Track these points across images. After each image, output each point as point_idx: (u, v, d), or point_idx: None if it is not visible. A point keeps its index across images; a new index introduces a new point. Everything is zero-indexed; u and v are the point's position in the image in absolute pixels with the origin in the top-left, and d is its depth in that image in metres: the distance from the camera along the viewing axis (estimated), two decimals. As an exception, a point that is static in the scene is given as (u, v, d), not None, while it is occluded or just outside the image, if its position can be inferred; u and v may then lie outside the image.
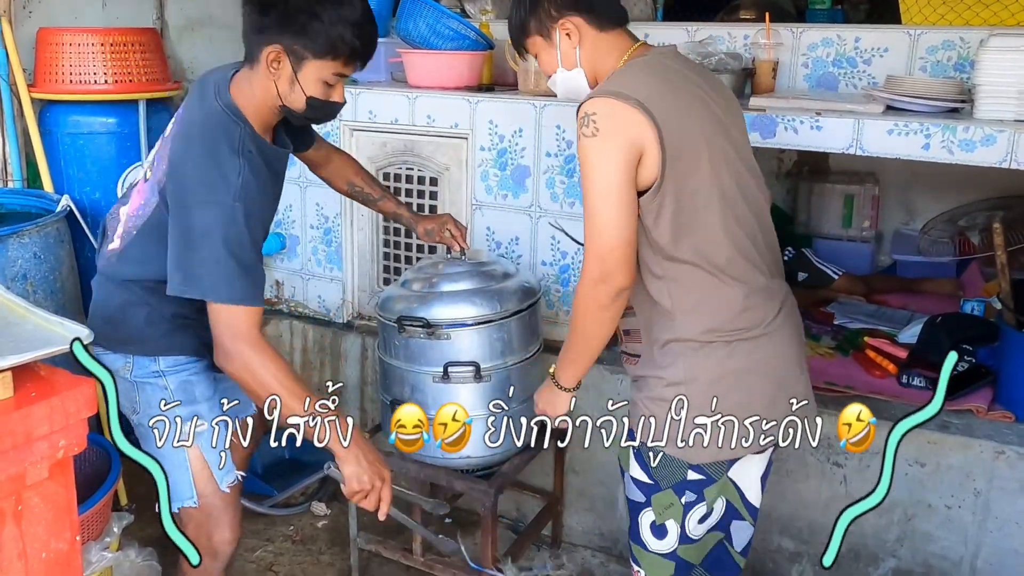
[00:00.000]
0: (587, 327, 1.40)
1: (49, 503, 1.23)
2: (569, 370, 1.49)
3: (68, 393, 1.22)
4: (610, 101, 1.31)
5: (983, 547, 1.84)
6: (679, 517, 1.45)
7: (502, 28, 2.66)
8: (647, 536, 1.49)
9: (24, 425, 1.16)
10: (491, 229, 2.34)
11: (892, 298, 2.64)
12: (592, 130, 1.31)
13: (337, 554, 2.27)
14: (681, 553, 1.48)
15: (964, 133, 1.76)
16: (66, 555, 1.26)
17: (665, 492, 1.44)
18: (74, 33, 2.39)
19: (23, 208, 2.30)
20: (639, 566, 1.53)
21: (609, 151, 1.30)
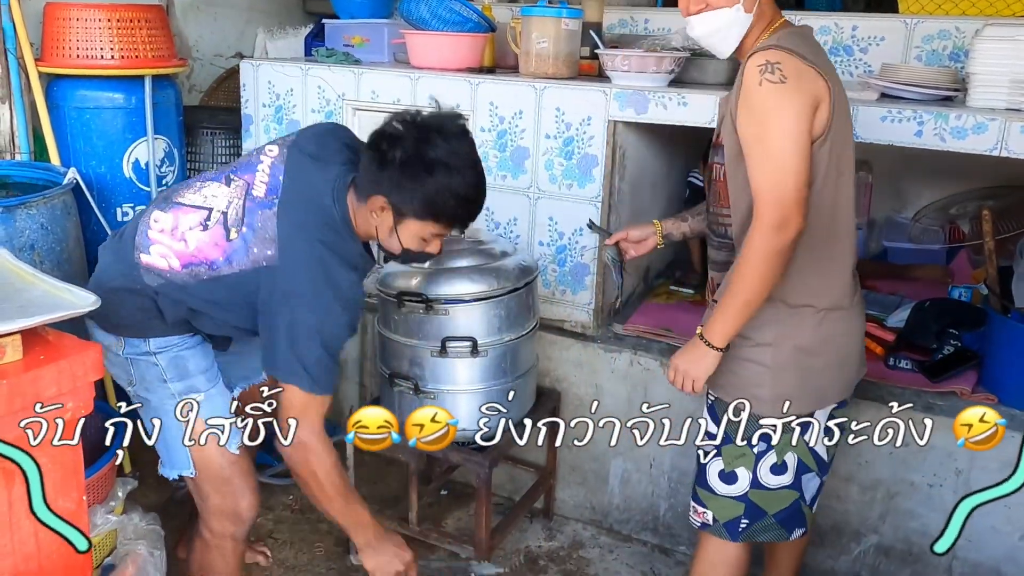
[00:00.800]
0: (760, 276, 1.38)
1: (57, 463, 1.25)
2: (728, 325, 1.44)
3: (76, 357, 1.24)
4: (790, 55, 1.35)
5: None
6: (750, 465, 1.55)
7: (504, 11, 2.66)
8: (715, 482, 1.59)
9: (33, 387, 1.19)
10: (490, 209, 2.35)
11: (882, 283, 2.65)
12: (779, 77, 1.33)
13: (334, 524, 2.29)
14: (752, 497, 1.57)
15: (956, 121, 1.77)
16: (73, 513, 1.28)
17: (738, 444, 1.54)
18: (81, 8, 2.38)
19: (30, 180, 2.30)
20: (704, 507, 1.62)
21: (794, 98, 1.34)
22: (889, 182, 3.03)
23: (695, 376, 1.50)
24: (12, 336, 1.19)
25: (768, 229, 1.35)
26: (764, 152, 1.36)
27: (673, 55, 2.09)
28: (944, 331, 2.08)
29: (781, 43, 1.38)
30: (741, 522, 1.59)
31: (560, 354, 2.28)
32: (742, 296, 1.41)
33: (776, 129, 1.35)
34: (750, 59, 1.37)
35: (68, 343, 1.28)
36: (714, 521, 1.61)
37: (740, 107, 1.39)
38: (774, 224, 1.35)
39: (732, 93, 1.45)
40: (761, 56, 1.36)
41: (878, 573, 1.99)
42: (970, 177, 2.83)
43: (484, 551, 1.94)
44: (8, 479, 1.20)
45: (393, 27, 2.56)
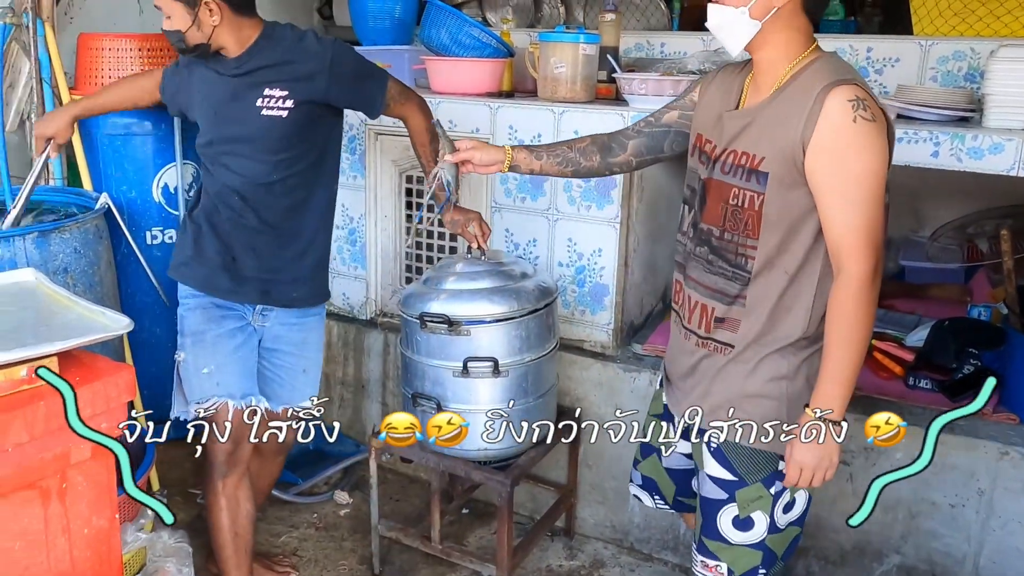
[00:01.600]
0: (863, 329, 1.27)
1: (91, 482, 1.27)
2: (844, 392, 1.30)
3: (109, 378, 1.26)
4: (868, 91, 1.27)
5: (986, 545, 1.84)
6: (767, 508, 1.43)
7: (522, 36, 2.69)
8: (728, 531, 1.46)
9: (70, 408, 1.20)
10: (510, 231, 2.37)
11: (900, 303, 2.63)
12: (871, 115, 1.25)
13: (359, 540, 2.30)
14: (769, 543, 1.45)
15: (972, 141, 1.76)
16: (106, 532, 1.30)
17: (753, 486, 1.43)
18: (113, 39, 2.44)
19: (64, 205, 2.35)
20: (717, 559, 1.48)
21: (883, 138, 1.27)
22: (906, 201, 3.02)
23: (830, 465, 1.34)
24: (49, 359, 1.21)
25: (867, 277, 1.25)
26: (858, 197, 1.25)
27: (688, 78, 2.10)
28: (963, 350, 2.05)
29: (855, 78, 1.29)
30: (759, 572, 1.47)
31: (580, 374, 2.28)
32: (857, 354, 1.28)
33: (870, 170, 1.25)
34: (833, 91, 1.25)
35: (102, 365, 1.30)
36: (730, 573, 1.48)
37: (821, 144, 1.26)
38: (872, 271, 1.25)
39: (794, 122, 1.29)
40: (849, 91, 1.25)
41: (901, 594, 1.96)
42: (987, 196, 2.81)
43: (506, 569, 1.93)
44: (45, 498, 1.22)
45: (414, 53, 2.59)
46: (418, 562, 2.22)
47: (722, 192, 1.39)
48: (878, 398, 2.00)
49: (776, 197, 1.33)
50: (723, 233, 1.40)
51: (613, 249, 2.21)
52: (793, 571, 2.07)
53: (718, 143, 1.41)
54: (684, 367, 1.51)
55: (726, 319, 1.42)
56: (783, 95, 1.32)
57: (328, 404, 2.77)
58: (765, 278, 1.37)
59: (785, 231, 1.33)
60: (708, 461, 1.47)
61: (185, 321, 1.81)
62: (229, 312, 1.82)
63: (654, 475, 1.68)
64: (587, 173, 1.65)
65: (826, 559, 2.03)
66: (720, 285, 1.42)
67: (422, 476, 2.59)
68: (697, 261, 1.46)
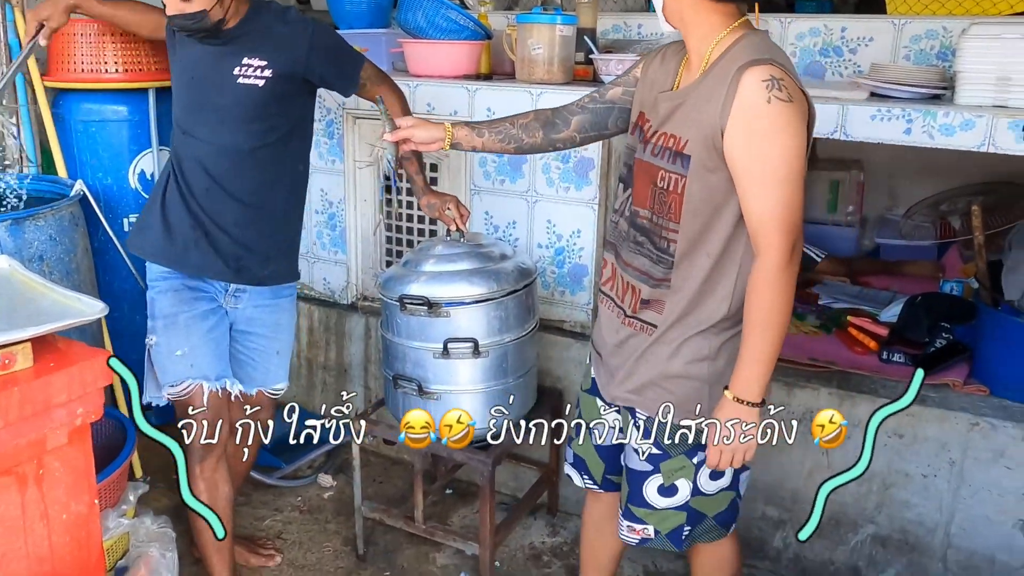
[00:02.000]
0: (781, 312, 1.26)
1: (68, 467, 1.26)
2: (762, 375, 1.30)
3: (85, 364, 1.24)
4: (786, 72, 1.24)
5: (957, 514, 1.88)
6: (691, 476, 1.46)
7: (500, 18, 2.67)
8: (653, 498, 1.49)
9: (44, 393, 1.19)
10: (489, 213, 2.36)
11: (875, 280, 2.66)
12: (787, 95, 1.21)
13: (343, 523, 2.31)
14: (694, 504, 1.48)
15: (944, 118, 1.77)
16: (85, 517, 1.29)
17: (676, 458, 1.45)
18: (86, 24, 2.39)
19: (38, 193, 2.31)
20: (643, 523, 1.51)
21: (800, 119, 1.23)
22: (880, 180, 3.05)
23: (748, 446, 1.34)
24: (23, 344, 1.19)
25: (783, 260, 1.24)
26: (773, 178, 1.23)
27: (666, 59, 2.10)
28: (936, 325, 2.08)
29: (774, 57, 1.26)
30: (684, 529, 1.50)
31: (560, 354, 2.28)
32: (775, 337, 1.28)
33: (787, 151, 1.22)
34: (748, 72, 1.22)
35: (77, 350, 1.28)
36: (656, 534, 1.52)
37: (737, 126, 1.24)
38: (787, 257, 1.24)
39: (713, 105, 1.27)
40: (764, 70, 1.22)
41: (875, 563, 1.99)
42: (959, 174, 2.84)
43: (489, 547, 1.94)
44: (21, 484, 1.21)
45: (391, 36, 2.56)
46: (402, 542, 2.23)
47: (650, 174, 1.38)
48: (853, 372, 2.03)
49: (698, 180, 1.31)
50: (651, 216, 1.39)
51: (591, 230, 2.22)
52: (770, 543, 2.10)
53: (653, 123, 1.39)
54: (611, 344, 1.50)
55: (651, 301, 1.41)
56: (708, 77, 1.30)
57: (310, 388, 2.76)
58: (689, 261, 1.35)
59: (707, 215, 1.32)
60: (633, 434, 1.49)
61: (156, 304, 1.78)
62: (201, 294, 1.80)
63: (584, 454, 1.67)
64: (530, 149, 1.62)
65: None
66: (646, 267, 1.41)
67: (405, 457, 2.59)
68: (627, 241, 1.45)
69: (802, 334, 2.25)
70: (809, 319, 2.36)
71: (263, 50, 1.72)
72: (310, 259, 2.70)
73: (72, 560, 1.29)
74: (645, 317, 1.43)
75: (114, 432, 2.05)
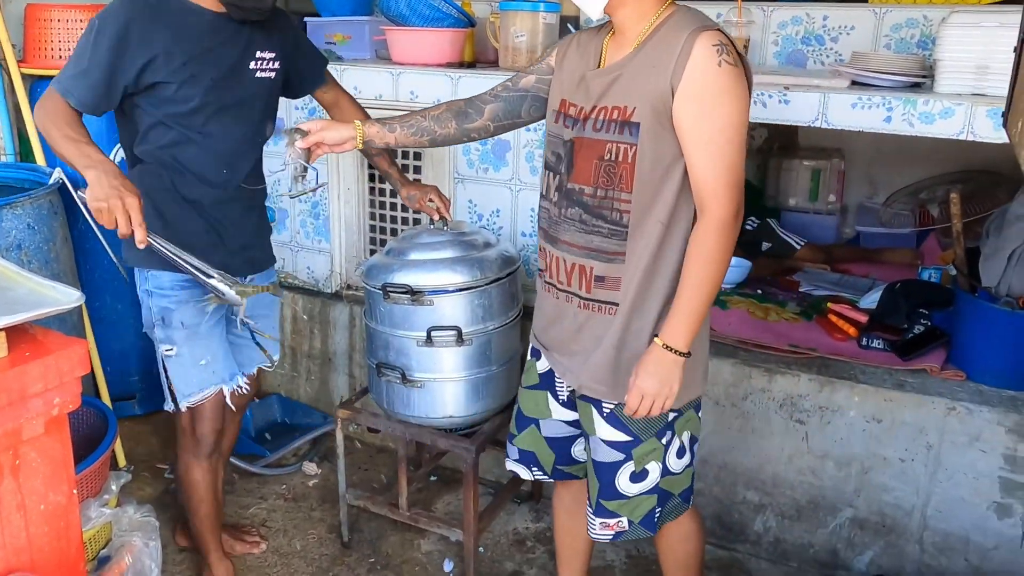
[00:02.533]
0: (719, 269, 1.29)
1: (46, 458, 1.23)
2: (694, 326, 1.32)
3: (61, 353, 1.22)
4: (728, 37, 1.27)
5: (933, 496, 1.89)
6: (660, 457, 1.46)
7: (483, 6, 2.64)
8: (625, 487, 1.48)
9: (19, 383, 1.17)
10: (473, 201, 2.34)
11: (855, 267, 2.67)
12: (734, 59, 1.25)
13: (327, 510, 2.30)
14: (663, 485, 1.49)
15: (924, 106, 1.77)
16: (64, 507, 1.27)
17: (647, 442, 1.44)
18: (62, 9, 2.34)
19: (16, 181, 2.27)
20: (617, 515, 1.49)
21: (743, 83, 1.27)
22: (861, 169, 3.06)
23: (670, 394, 1.34)
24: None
25: (730, 220, 1.27)
26: (721, 139, 1.26)
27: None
28: (914, 311, 2.09)
29: (717, 25, 1.30)
30: (655, 512, 1.50)
31: (544, 341, 2.28)
32: (709, 291, 1.30)
33: (734, 114, 1.26)
34: (699, 37, 1.25)
35: (54, 339, 1.26)
36: (629, 524, 1.50)
37: (689, 89, 1.25)
38: (732, 215, 1.27)
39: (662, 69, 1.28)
40: (713, 36, 1.25)
41: (853, 545, 2.01)
42: (938, 162, 2.86)
43: (473, 533, 1.94)
44: (-3, 475, 1.19)
45: (374, 24, 2.53)
46: (386, 529, 2.22)
47: (595, 149, 1.36)
48: (833, 359, 2.04)
49: (648, 147, 1.31)
50: (595, 191, 1.37)
51: (575, 218, 2.20)
52: (750, 527, 2.11)
53: (585, 104, 1.38)
54: (567, 332, 1.46)
55: (606, 277, 1.39)
56: (647, 46, 1.31)
57: (295, 377, 2.74)
58: (641, 230, 1.35)
59: (657, 180, 1.33)
60: (601, 427, 1.46)
61: (175, 314, 1.69)
62: (208, 297, 1.70)
63: (533, 447, 1.63)
64: (444, 141, 1.60)
65: (783, 514, 2.07)
66: (596, 243, 1.38)
67: (389, 445, 2.58)
68: (569, 223, 1.41)
69: (783, 321, 2.25)
70: (790, 306, 2.36)
71: (271, 42, 1.69)
72: (293, 248, 2.68)
73: (51, 551, 1.27)
74: (602, 297, 1.40)
75: (96, 421, 2.02)
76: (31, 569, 1.24)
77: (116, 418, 2.00)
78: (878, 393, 1.91)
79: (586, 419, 1.49)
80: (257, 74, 1.68)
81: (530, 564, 2.11)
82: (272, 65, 1.70)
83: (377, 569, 2.08)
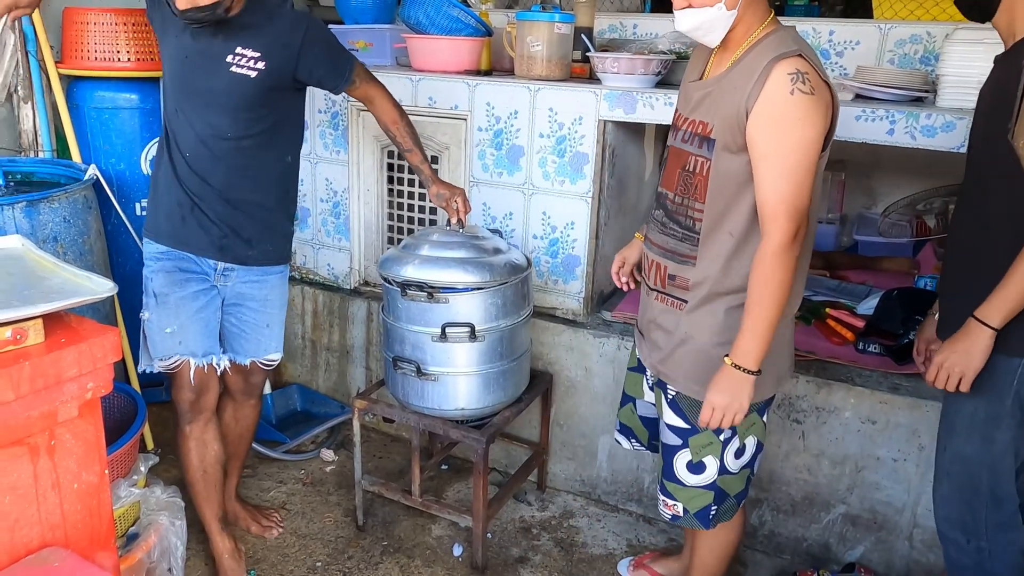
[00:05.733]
0: (785, 289, 1.30)
1: (79, 439, 1.24)
2: (761, 345, 1.33)
3: (95, 340, 1.23)
4: (811, 66, 1.27)
5: (924, 495, 1.88)
6: (718, 453, 1.49)
7: (501, 16, 2.64)
8: (683, 474, 1.53)
9: (55, 368, 1.17)
10: (487, 204, 2.34)
11: (853, 274, 2.65)
12: (810, 88, 1.25)
13: (344, 495, 2.31)
14: (720, 484, 1.52)
15: (926, 120, 1.76)
16: (96, 486, 1.28)
17: (703, 434, 1.48)
18: (99, 13, 2.36)
19: (53, 177, 2.29)
20: (674, 499, 1.55)
21: (819, 110, 1.26)
22: (861, 180, 3.03)
23: (739, 408, 1.36)
24: (34, 320, 1.17)
25: (787, 241, 1.28)
26: (785, 163, 1.27)
27: (660, 58, 2.08)
28: (910, 318, 2.08)
29: (802, 50, 1.29)
30: (711, 509, 1.54)
31: (552, 339, 2.28)
32: (773, 312, 1.31)
33: (803, 141, 1.26)
34: (778, 65, 1.26)
35: (88, 327, 1.26)
36: (685, 512, 1.55)
37: (761, 114, 1.27)
38: (791, 236, 1.28)
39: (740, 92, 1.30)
40: (791, 64, 1.26)
41: (845, 540, 2.00)
42: (936, 175, 2.83)
43: (481, 520, 1.94)
44: (34, 454, 1.19)
45: (395, 32, 2.53)
46: (399, 514, 2.23)
47: (680, 159, 1.44)
48: (830, 362, 2.03)
49: (721, 163, 1.35)
50: (675, 196, 1.45)
51: (585, 222, 2.20)
52: (747, 521, 2.10)
53: (684, 113, 1.45)
54: (648, 320, 1.56)
55: (677, 276, 1.46)
56: (738, 67, 1.34)
57: (315, 369, 2.75)
58: (712, 239, 1.40)
59: (729, 195, 1.36)
60: (666, 411, 1.54)
61: (150, 282, 1.76)
62: (193, 275, 1.77)
63: (630, 423, 1.75)
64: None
65: (778, 509, 2.06)
66: (671, 245, 1.46)
67: (403, 435, 2.59)
68: (654, 223, 1.51)
69: (783, 324, 2.24)
70: (790, 310, 2.35)
71: (258, 42, 1.66)
72: (315, 245, 2.69)
73: (83, 527, 1.28)
74: (674, 293, 1.48)
75: (126, 406, 2.04)
76: (65, 543, 1.25)
77: (145, 403, 2.01)
78: (873, 395, 1.90)
79: (658, 403, 1.57)
80: (232, 68, 1.64)
81: (535, 550, 2.11)
82: (254, 64, 1.65)
83: (390, 552, 2.08)
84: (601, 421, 2.25)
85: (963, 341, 1.30)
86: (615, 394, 2.18)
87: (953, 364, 1.30)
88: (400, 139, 1.89)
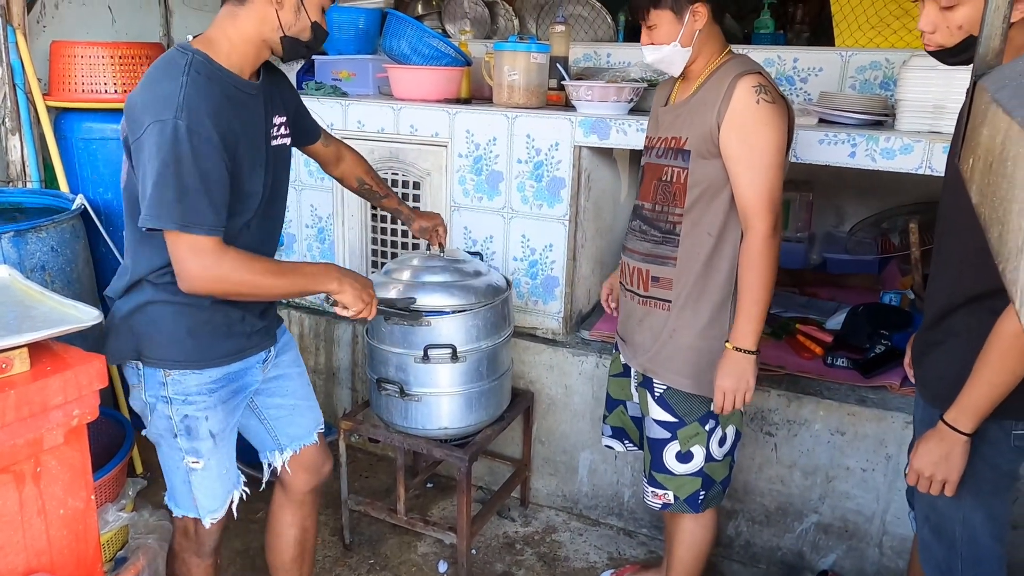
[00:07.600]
0: (769, 276, 1.43)
1: (65, 466, 1.24)
2: (755, 328, 1.45)
3: (80, 367, 1.23)
4: (769, 82, 1.43)
5: (892, 504, 1.91)
6: (704, 442, 1.58)
7: (479, 47, 2.68)
8: (672, 464, 1.61)
9: (40, 396, 1.17)
10: (468, 228, 2.37)
11: (821, 291, 2.70)
12: (772, 97, 1.40)
13: (330, 514, 2.29)
14: (707, 471, 1.60)
15: (885, 143, 1.81)
16: (82, 512, 1.27)
17: (691, 425, 1.57)
18: (86, 46, 2.37)
19: (41, 206, 2.28)
20: (664, 488, 1.63)
21: (781, 117, 1.41)
22: (828, 200, 3.09)
23: (747, 388, 1.47)
24: (19, 349, 1.17)
25: (769, 232, 1.41)
26: (760, 165, 1.40)
27: (632, 85, 2.12)
28: (876, 332, 2.12)
29: (760, 70, 1.44)
30: (700, 494, 1.62)
31: (533, 358, 2.29)
32: (764, 294, 1.43)
33: (771, 143, 1.40)
34: (741, 80, 1.40)
35: (74, 354, 1.27)
36: (675, 499, 1.63)
37: (732, 123, 1.40)
38: (772, 229, 1.41)
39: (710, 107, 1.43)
40: (753, 79, 1.41)
41: (818, 548, 2.02)
42: (899, 194, 2.90)
43: (466, 537, 1.94)
44: (19, 481, 1.19)
45: (377, 62, 2.57)
46: (385, 532, 2.22)
47: (656, 172, 1.56)
48: (800, 375, 2.06)
49: (697, 169, 1.48)
50: (654, 206, 1.57)
51: (563, 244, 2.23)
52: (723, 532, 2.12)
53: (655, 135, 1.57)
54: (632, 326, 1.64)
55: (660, 278, 1.56)
56: (703, 89, 1.48)
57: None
58: (691, 239, 1.50)
59: (706, 199, 1.48)
60: (652, 407, 1.61)
61: (202, 422, 1.40)
62: (247, 387, 1.48)
63: (622, 424, 1.81)
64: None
65: (753, 520, 2.08)
66: (650, 249, 1.57)
67: (388, 454, 2.58)
68: (632, 233, 1.62)
69: (755, 340, 2.28)
70: (762, 326, 2.39)
71: (281, 105, 1.44)
72: (301, 268, 2.69)
73: (69, 553, 1.27)
74: (658, 295, 1.57)
75: (114, 431, 2.02)
76: (51, 570, 1.24)
77: (133, 428, 2.01)
78: (842, 408, 1.94)
79: (643, 403, 1.65)
80: (274, 142, 1.40)
81: (519, 565, 2.11)
82: (286, 130, 1.44)
83: (376, 569, 2.07)
84: (581, 437, 2.26)
85: (938, 448, 1.21)
86: (595, 411, 2.20)
87: (934, 473, 1.23)
88: (377, 187, 1.77)
